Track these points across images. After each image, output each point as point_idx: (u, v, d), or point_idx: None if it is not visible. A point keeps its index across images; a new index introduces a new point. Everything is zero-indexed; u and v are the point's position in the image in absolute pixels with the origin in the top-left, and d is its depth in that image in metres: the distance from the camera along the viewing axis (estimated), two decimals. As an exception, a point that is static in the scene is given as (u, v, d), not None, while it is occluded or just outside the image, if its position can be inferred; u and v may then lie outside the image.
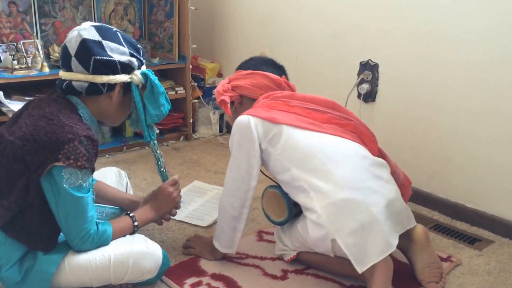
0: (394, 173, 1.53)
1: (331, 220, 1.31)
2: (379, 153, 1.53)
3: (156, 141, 1.49)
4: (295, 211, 1.47)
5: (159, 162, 1.54)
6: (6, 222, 1.23)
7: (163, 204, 1.50)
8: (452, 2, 1.80)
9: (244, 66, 1.61)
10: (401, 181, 1.56)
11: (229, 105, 1.52)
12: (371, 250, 1.29)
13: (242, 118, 1.42)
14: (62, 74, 1.31)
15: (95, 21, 2.53)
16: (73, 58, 1.28)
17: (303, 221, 1.40)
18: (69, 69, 1.30)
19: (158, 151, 1.52)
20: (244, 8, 2.61)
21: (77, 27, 1.31)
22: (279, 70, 1.61)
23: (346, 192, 1.32)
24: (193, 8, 2.55)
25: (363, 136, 1.48)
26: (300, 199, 1.39)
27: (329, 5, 2.20)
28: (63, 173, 1.21)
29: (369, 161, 1.41)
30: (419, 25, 1.90)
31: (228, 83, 1.57)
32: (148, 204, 1.50)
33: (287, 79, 1.61)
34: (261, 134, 1.41)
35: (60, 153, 1.19)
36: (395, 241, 1.33)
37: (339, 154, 1.38)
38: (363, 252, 1.29)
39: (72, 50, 1.28)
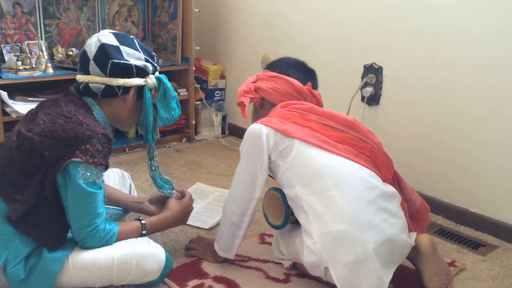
0: (409, 200, 1.50)
1: (326, 250, 1.29)
2: (395, 178, 1.48)
3: (154, 144, 1.52)
4: (292, 219, 1.45)
5: (152, 162, 1.53)
6: (19, 216, 1.25)
7: (179, 219, 1.54)
8: (456, 4, 1.79)
9: (272, 66, 1.57)
10: (417, 208, 1.53)
11: (246, 108, 1.49)
12: (362, 287, 1.28)
13: (255, 127, 1.40)
14: (80, 77, 1.37)
15: (98, 23, 2.54)
16: (91, 61, 1.33)
17: (301, 238, 1.37)
18: (86, 72, 1.35)
19: (155, 153, 1.53)
20: (248, 10, 2.61)
21: (97, 34, 1.38)
22: (307, 75, 1.55)
23: (345, 224, 1.29)
24: (197, 10, 2.55)
25: (378, 161, 1.42)
26: (300, 219, 1.37)
27: (333, 7, 2.19)
28: (79, 168, 1.24)
29: (377, 191, 1.34)
30: (424, 27, 1.89)
31: (254, 82, 1.53)
32: (164, 215, 1.51)
33: (315, 85, 1.56)
34: (272, 145, 1.38)
35: (78, 149, 1.23)
36: (388, 278, 1.31)
37: (346, 181, 1.33)
38: (354, 287, 1.28)
39: (91, 54, 1.33)
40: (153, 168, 1.54)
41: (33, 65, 2.22)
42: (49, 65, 2.23)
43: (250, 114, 1.58)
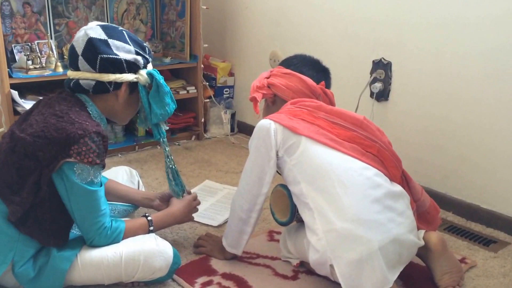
0: (418, 200, 1.49)
1: (330, 247, 1.28)
2: (403, 177, 1.47)
3: (165, 139, 1.50)
4: (299, 216, 1.45)
5: (168, 159, 1.54)
6: (18, 218, 1.25)
7: (184, 216, 1.54)
8: (467, -1, 1.77)
9: (287, 62, 1.56)
10: (426, 209, 1.51)
11: (259, 103, 1.49)
12: (366, 285, 1.27)
13: (264, 122, 1.40)
14: (70, 73, 1.35)
15: (107, 21, 2.55)
16: (80, 57, 1.30)
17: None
18: (76, 68, 1.32)
19: (167, 149, 1.52)
20: (256, 7, 2.60)
21: (84, 27, 1.34)
22: (321, 74, 1.55)
23: (350, 222, 1.28)
24: (205, 7, 2.55)
25: (386, 160, 1.40)
26: (305, 216, 1.36)
27: (341, 2, 2.18)
28: (74, 169, 1.24)
29: (383, 190, 1.33)
30: (432, 20, 1.87)
31: (268, 78, 1.53)
32: (170, 210, 1.52)
33: (328, 84, 1.56)
34: (280, 142, 1.38)
35: (71, 149, 1.22)
36: (394, 277, 1.30)
37: (352, 179, 1.32)
38: (357, 285, 1.27)
39: (79, 49, 1.30)
40: (170, 166, 1.52)
41: (43, 64, 2.24)
42: (59, 64, 2.25)
43: (262, 110, 1.58)
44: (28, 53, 2.23)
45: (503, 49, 1.70)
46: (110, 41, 1.30)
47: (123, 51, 1.32)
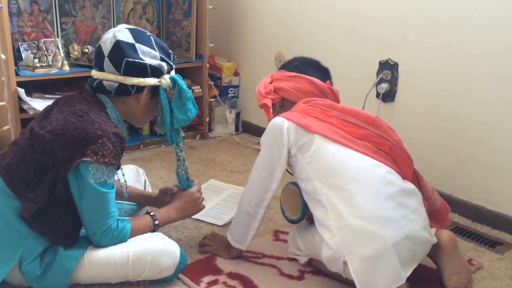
0: (429, 199, 1.49)
1: (344, 243, 1.29)
2: (415, 176, 1.48)
3: (180, 143, 1.50)
4: (310, 214, 1.45)
5: (179, 163, 1.53)
6: (32, 215, 1.26)
7: (188, 208, 1.53)
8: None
9: (288, 66, 1.58)
10: (437, 207, 1.52)
11: (271, 109, 1.50)
12: (379, 281, 1.26)
13: (277, 120, 1.41)
14: (94, 73, 1.36)
15: (113, 20, 2.56)
16: (106, 59, 1.32)
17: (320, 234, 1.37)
18: (101, 68, 1.34)
19: (181, 153, 1.52)
20: (262, 7, 2.60)
21: (113, 29, 1.36)
22: (324, 74, 1.57)
23: (364, 219, 1.28)
24: (211, 7, 2.55)
25: (398, 158, 1.41)
26: (317, 213, 1.36)
27: (348, 3, 2.18)
28: (90, 168, 1.25)
29: (395, 188, 1.34)
30: (440, 21, 1.87)
31: (271, 83, 1.54)
32: (172, 205, 1.51)
33: (331, 83, 1.58)
34: (292, 140, 1.39)
35: (89, 149, 1.23)
36: (407, 274, 1.30)
37: (365, 176, 1.33)
38: (370, 281, 1.27)
39: (106, 50, 1.32)
40: (179, 171, 1.52)
41: (50, 63, 2.24)
42: (65, 62, 2.25)
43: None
44: (34, 51, 2.24)
45: (510, 49, 1.69)
46: (137, 45, 1.33)
47: (149, 56, 1.34)
